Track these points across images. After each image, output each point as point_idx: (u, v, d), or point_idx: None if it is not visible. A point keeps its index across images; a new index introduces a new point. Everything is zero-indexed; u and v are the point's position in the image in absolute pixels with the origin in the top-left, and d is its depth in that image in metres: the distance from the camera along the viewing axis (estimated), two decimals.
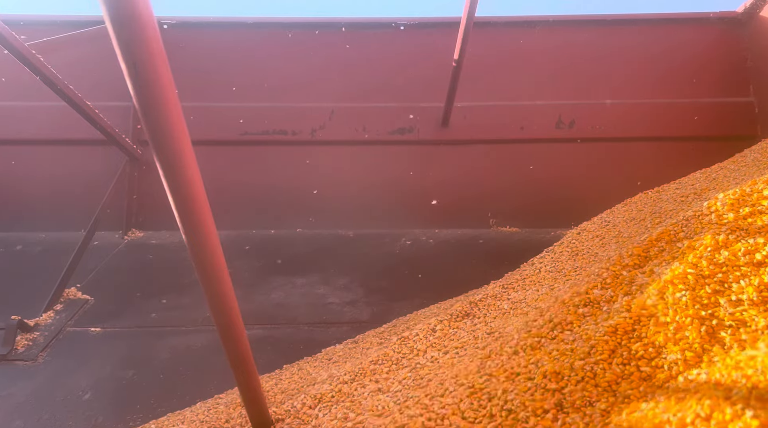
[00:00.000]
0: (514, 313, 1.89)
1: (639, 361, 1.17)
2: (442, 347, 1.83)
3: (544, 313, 1.49)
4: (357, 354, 2.12)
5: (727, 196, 1.65)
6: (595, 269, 1.66)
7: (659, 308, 1.26)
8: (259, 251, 3.32)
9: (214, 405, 1.90)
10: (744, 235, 1.41)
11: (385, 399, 1.50)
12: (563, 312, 1.44)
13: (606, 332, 1.27)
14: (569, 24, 3.84)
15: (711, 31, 3.81)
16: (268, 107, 3.75)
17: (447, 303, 2.50)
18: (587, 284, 1.54)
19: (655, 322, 1.23)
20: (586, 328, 1.34)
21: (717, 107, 3.72)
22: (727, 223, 1.52)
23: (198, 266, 1.04)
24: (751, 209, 1.55)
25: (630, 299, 1.36)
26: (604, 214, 2.65)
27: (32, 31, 3.50)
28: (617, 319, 1.30)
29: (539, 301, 1.86)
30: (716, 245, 1.39)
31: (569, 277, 2.05)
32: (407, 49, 3.83)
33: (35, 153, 3.67)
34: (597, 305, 1.43)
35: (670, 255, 1.50)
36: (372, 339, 2.26)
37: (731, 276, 1.28)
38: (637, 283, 1.43)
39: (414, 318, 2.42)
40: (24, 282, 2.98)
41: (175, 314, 2.63)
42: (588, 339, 1.28)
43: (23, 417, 1.98)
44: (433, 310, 2.47)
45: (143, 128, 0.85)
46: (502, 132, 3.71)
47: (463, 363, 1.52)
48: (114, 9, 0.73)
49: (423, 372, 1.63)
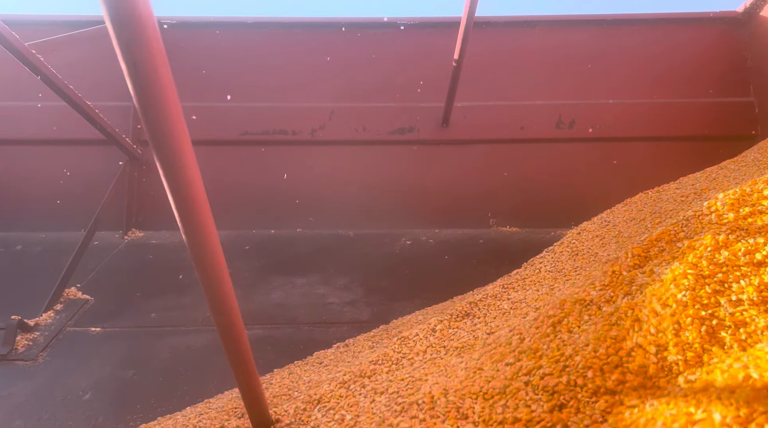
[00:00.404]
0: (514, 313, 1.89)
1: (639, 362, 1.17)
2: (442, 347, 1.83)
3: (543, 314, 1.49)
4: (349, 357, 2.11)
5: (728, 196, 1.64)
6: (594, 270, 1.66)
7: (659, 308, 1.26)
8: (259, 251, 3.32)
9: (205, 410, 1.89)
10: (744, 235, 1.41)
11: (383, 401, 1.50)
12: (562, 313, 1.44)
13: (605, 333, 1.27)
14: (569, 24, 3.84)
15: (711, 31, 3.81)
16: (268, 107, 3.75)
17: (447, 303, 2.50)
18: (586, 284, 1.54)
19: (655, 322, 1.23)
20: (585, 329, 1.34)
21: (717, 107, 3.71)
22: (727, 223, 1.52)
23: (198, 266, 1.04)
24: (752, 208, 1.55)
25: (630, 300, 1.36)
26: (604, 214, 2.65)
27: (32, 31, 3.50)
28: (616, 320, 1.30)
29: (539, 301, 1.86)
30: (716, 245, 1.39)
31: (569, 277, 2.05)
32: (407, 49, 3.83)
33: (35, 153, 3.67)
34: (596, 306, 1.43)
35: (670, 255, 1.50)
36: (364, 342, 2.25)
37: (731, 276, 1.28)
38: (637, 283, 1.43)
39: (413, 319, 2.41)
40: (24, 282, 2.98)
41: (175, 314, 2.63)
42: (587, 340, 1.28)
43: (23, 417, 1.98)
44: (432, 310, 2.47)
45: (143, 128, 0.85)
46: (502, 132, 3.71)
47: (462, 364, 1.52)
48: (114, 9, 0.73)
49: (420, 374, 1.63)
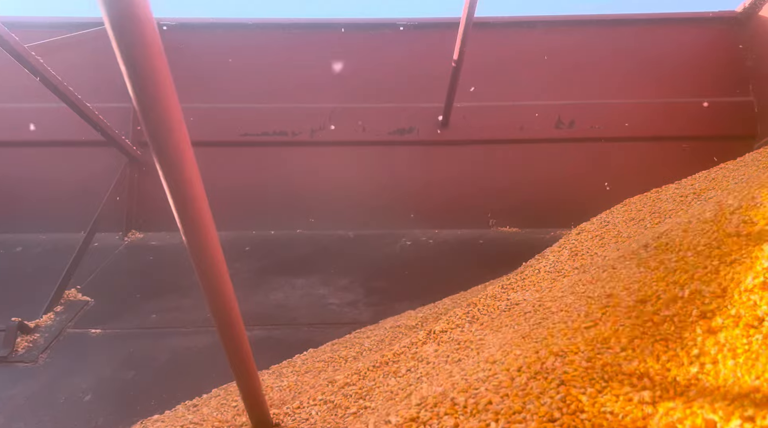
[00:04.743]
0: (511, 313, 1.89)
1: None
2: (441, 350, 1.83)
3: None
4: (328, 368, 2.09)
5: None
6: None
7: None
8: (259, 251, 3.32)
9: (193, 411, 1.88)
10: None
11: (371, 407, 1.50)
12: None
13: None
14: (568, 24, 3.84)
15: (710, 31, 3.81)
16: (268, 108, 3.75)
17: (447, 304, 2.50)
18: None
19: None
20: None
21: (716, 107, 3.71)
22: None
23: (198, 268, 1.04)
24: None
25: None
26: (604, 214, 2.65)
27: (32, 33, 3.50)
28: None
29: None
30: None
31: (569, 277, 2.05)
32: (407, 49, 3.82)
33: (35, 155, 3.67)
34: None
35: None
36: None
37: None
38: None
39: (409, 315, 2.41)
40: (24, 284, 2.98)
41: (176, 316, 2.63)
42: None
43: (24, 418, 1.98)
44: (431, 310, 2.47)
45: (143, 130, 0.86)
46: (502, 132, 3.71)
47: (461, 363, 1.52)
48: (113, 11, 0.73)
49: (414, 377, 1.63)
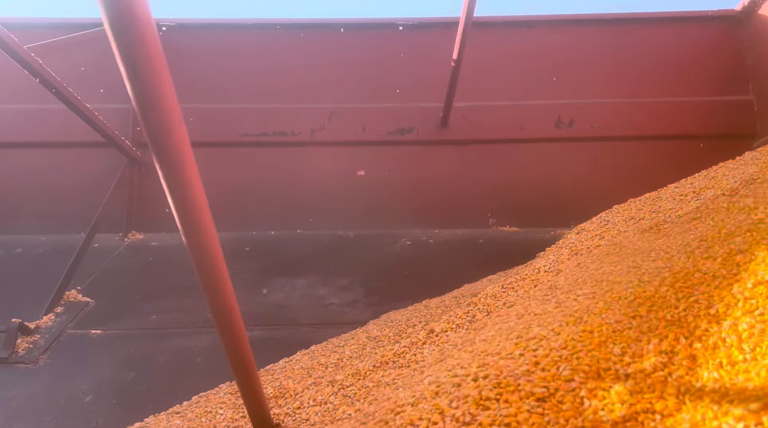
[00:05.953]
0: (510, 312, 1.89)
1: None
2: (439, 352, 1.83)
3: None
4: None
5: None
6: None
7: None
8: (259, 252, 3.32)
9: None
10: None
11: (361, 407, 1.50)
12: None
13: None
14: (568, 24, 3.84)
15: (710, 30, 3.81)
16: (267, 108, 3.75)
17: (446, 304, 2.50)
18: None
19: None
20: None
21: (716, 106, 3.71)
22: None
23: (198, 268, 1.04)
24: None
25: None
26: (604, 214, 2.65)
27: (31, 34, 3.50)
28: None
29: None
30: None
31: (569, 277, 2.04)
32: (407, 49, 3.82)
33: (35, 156, 3.67)
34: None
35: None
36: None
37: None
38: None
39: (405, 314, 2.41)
40: (24, 285, 2.97)
41: (176, 316, 2.63)
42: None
43: (24, 419, 1.98)
44: (430, 311, 2.47)
45: (143, 130, 0.85)
46: (502, 132, 3.71)
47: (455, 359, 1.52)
48: (113, 11, 0.73)
49: (413, 380, 1.62)
